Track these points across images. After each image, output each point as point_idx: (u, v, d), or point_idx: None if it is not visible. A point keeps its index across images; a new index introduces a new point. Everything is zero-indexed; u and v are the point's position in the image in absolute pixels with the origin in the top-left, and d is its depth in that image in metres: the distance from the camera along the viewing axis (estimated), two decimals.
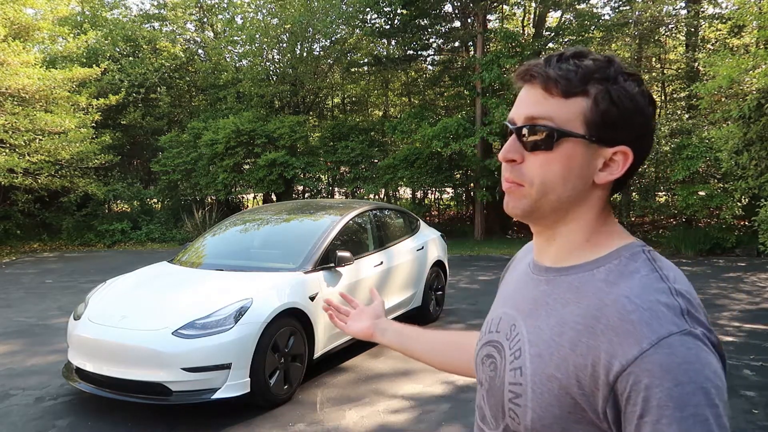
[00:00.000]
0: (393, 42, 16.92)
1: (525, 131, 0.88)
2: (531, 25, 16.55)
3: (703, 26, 14.97)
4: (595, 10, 14.76)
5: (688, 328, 0.76)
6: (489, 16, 15.32)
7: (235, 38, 16.60)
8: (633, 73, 0.89)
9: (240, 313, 4.11)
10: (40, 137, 12.23)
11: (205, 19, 18.23)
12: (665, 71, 16.26)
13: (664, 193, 14.66)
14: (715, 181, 12.70)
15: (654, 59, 16.26)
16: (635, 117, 0.87)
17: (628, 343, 0.77)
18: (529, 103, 0.89)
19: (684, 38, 15.57)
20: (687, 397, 0.73)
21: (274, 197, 16.12)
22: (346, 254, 5.03)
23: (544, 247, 0.97)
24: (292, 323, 4.45)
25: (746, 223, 11.72)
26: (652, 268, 0.85)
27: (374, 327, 1.47)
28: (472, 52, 15.02)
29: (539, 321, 0.90)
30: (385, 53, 16.87)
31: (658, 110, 0.90)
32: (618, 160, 0.88)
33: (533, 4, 15.57)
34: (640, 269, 0.85)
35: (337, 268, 5.03)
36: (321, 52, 16.69)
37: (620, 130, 0.87)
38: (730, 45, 14.18)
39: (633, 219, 14.91)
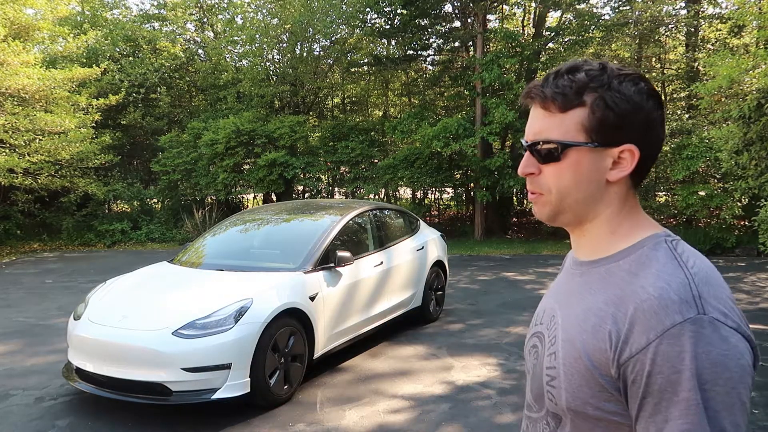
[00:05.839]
0: (393, 42, 16.92)
1: (534, 147, 0.98)
2: (531, 25, 16.55)
3: (703, 26, 14.97)
4: (595, 10, 14.76)
5: (693, 316, 0.82)
6: (489, 16, 15.31)
7: (235, 38, 16.58)
8: (630, 73, 0.94)
9: (240, 313, 4.11)
10: (40, 137, 12.23)
11: (205, 19, 18.22)
12: (665, 71, 16.25)
13: (664, 193, 14.66)
14: (715, 181, 12.70)
15: (654, 59, 16.27)
16: (634, 116, 0.93)
17: (638, 332, 0.84)
18: (534, 122, 0.99)
19: (684, 38, 15.57)
20: (682, 382, 0.80)
21: (274, 197, 16.11)
22: (346, 254, 5.03)
23: (578, 243, 1.05)
24: (292, 323, 4.45)
25: (746, 223, 11.71)
26: (672, 255, 0.91)
27: None
28: (472, 52, 15.02)
29: (570, 309, 0.98)
30: (385, 53, 16.86)
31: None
32: (625, 157, 0.94)
33: (533, 4, 15.56)
34: (659, 257, 0.91)
35: (337, 268, 5.03)
36: (321, 52, 16.68)
37: (621, 131, 0.93)
38: (730, 45, 14.18)
39: None
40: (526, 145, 1.00)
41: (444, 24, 15.51)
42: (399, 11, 14.64)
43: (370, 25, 15.64)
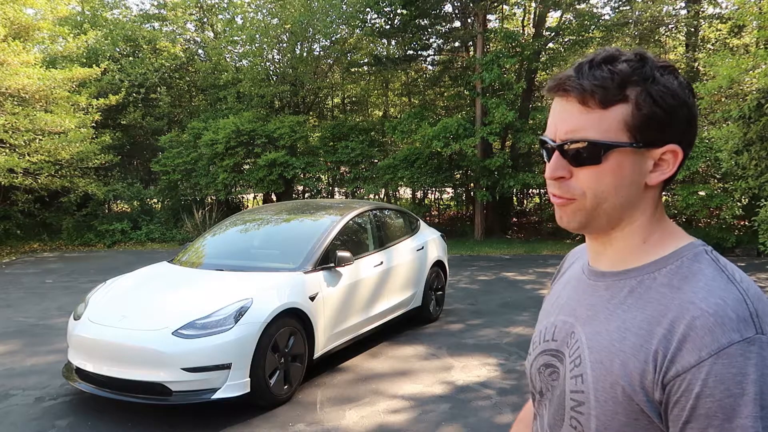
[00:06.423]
0: (393, 42, 16.92)
1: (567, 147, 0.86)
2: (531, 25, 16.54)
3: (703, 26, 14.97)
4: (595, 10, 14.76)
5: (752, 335, 0.74)
6: (489, 16, 15.31)
7: (235, 38, 16.58)
8: (667, 65, 0.86)
9: (240, 313, 4.11)
10: (40, 137, 12.21)
11: (205, 19, 18.22)
12: None
13: (664, 193, 14.64)
14: (715, 181, 12.70)
15: None
16: (679, 112, 0.84)
17: (688, 349, 0.75)
18: (567, 118, 0.87)
19: (684, 38, 15.57)
20: (738, 408, 0.72)
21: (274, 197, 16.11)
22: (346, 254, 5.03)
23: (599, 251, 0.94)
24: (292, 323, 4.45)
25: (746, 223, 11.71)
26: (718, 268, 0.82)
27: None
28: (472, 52, 15.02)
29: (598, 326, 0.88)
30: (385, 53, 16.86)
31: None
32: (667, 159, 0.86)
33: (533, 4, 15.57)
34: (704, 270, 0.82)
35: (337, 268, 5.03)
36: (321, 52, 16.69)
37: (666, 130, 0.84)
38: (730, 45, 14.18)
39: None
40: (555, 145, 0.87)
41: (444, 24, 15.51)
42: (399, 11, 14.63)
43: (370, 25, 15.63)
